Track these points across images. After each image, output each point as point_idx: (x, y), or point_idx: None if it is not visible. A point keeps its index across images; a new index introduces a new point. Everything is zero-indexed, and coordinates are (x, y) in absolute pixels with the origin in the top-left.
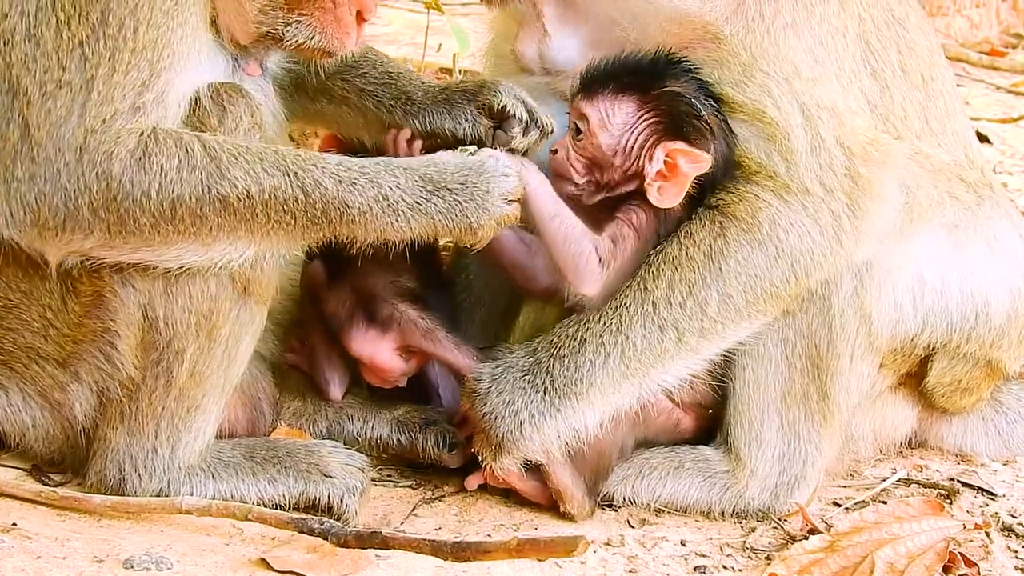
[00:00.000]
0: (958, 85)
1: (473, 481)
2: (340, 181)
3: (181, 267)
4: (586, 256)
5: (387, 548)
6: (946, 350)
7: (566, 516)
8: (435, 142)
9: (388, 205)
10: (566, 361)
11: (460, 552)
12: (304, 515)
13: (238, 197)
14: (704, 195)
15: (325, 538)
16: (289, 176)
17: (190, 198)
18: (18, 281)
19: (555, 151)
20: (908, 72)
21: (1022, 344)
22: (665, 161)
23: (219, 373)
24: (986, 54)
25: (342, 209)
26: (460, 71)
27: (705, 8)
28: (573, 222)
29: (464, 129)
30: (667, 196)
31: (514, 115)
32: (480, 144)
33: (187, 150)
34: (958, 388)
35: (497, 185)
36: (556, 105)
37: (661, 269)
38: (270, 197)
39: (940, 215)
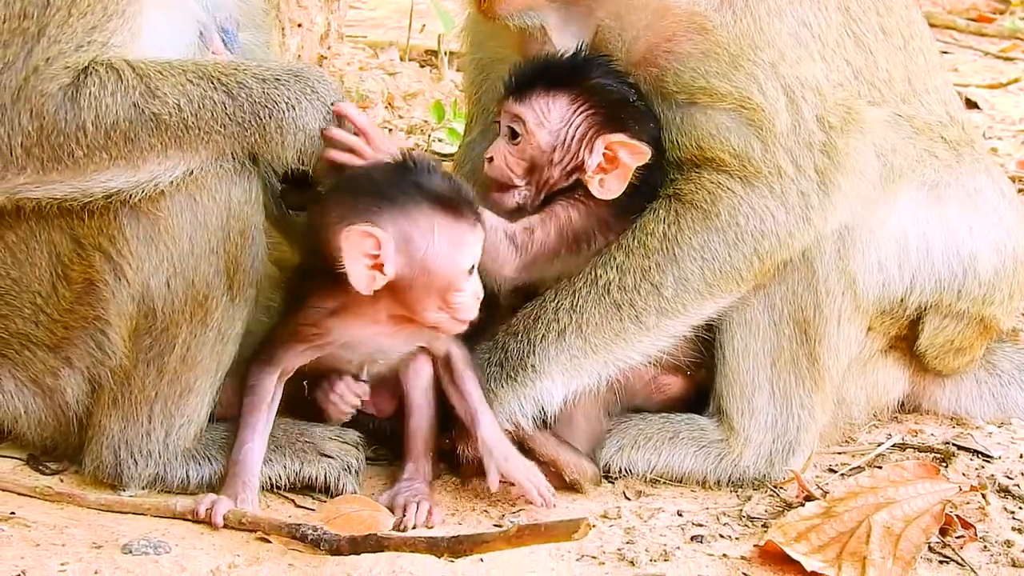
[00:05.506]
0: (946, 52)
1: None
2: (264, 80)
3: (107, 192)
4: (500, 242)
5: (381, 550)
6: (937, 309)
7: (574, 487)
8: None
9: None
10: (519, 336)
11: (457, 547)
12: (298, 522)
13: (169, 113)
14: (647, 182)
15: (318, 546)
16: (213, 82)
17: (124, 121)
18: (7, 268)
19: (490, 158)
20: (888, 33)
21: (1013, 300)
22: (604, 154)
23: (212, 357)
24: (973, 20)
25: (271, 107)
26: (445, 52)
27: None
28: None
29: None
30: (609, 188)
31: None
32: None
33: (119, 74)
34: (951, 348)
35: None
36: None
37: (613, 256)
38: (199, 107)
39: (921, 174)
